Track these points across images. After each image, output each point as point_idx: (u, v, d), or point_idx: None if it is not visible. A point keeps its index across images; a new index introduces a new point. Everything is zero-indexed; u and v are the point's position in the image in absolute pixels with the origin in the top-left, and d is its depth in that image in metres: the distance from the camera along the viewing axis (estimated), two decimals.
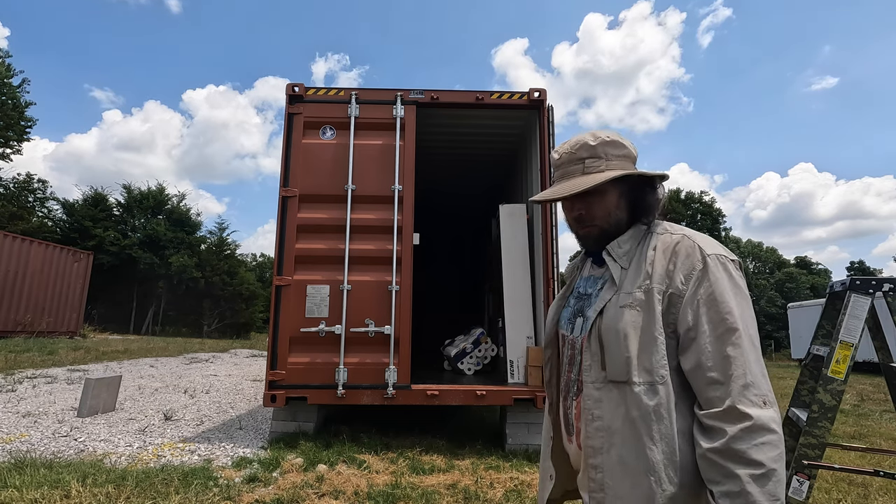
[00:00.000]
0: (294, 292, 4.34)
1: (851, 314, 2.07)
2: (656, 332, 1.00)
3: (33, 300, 13.86)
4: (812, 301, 19.99)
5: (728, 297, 0.96)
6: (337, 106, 4.65)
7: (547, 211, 4.52)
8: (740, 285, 1.00)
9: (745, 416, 0.88)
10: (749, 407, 0.88)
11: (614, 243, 1.14)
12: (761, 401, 0.89)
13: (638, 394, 0.99)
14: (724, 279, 0.98)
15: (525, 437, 4.40)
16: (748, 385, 0.90)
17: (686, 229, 1.11)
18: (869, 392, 9.59)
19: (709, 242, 1.05)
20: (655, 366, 0.99)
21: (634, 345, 1.02)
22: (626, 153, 1.14)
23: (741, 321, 0.95)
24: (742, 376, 0.90)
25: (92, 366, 9.17)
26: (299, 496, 3.08)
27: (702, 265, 1.00)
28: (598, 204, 1.14)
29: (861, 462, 4.39)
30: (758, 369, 0.92)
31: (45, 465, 3.31)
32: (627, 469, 0.99)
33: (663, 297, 1.02)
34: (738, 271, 1.02)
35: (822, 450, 1.98)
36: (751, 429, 0.87)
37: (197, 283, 25.94)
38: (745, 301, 0.98)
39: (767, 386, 0.92)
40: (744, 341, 0.93)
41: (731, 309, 0.95)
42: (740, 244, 44.61)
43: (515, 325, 4.64)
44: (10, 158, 22.76)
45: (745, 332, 0.94)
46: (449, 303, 9.18)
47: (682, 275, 1.01)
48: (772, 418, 0.88)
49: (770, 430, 0.87)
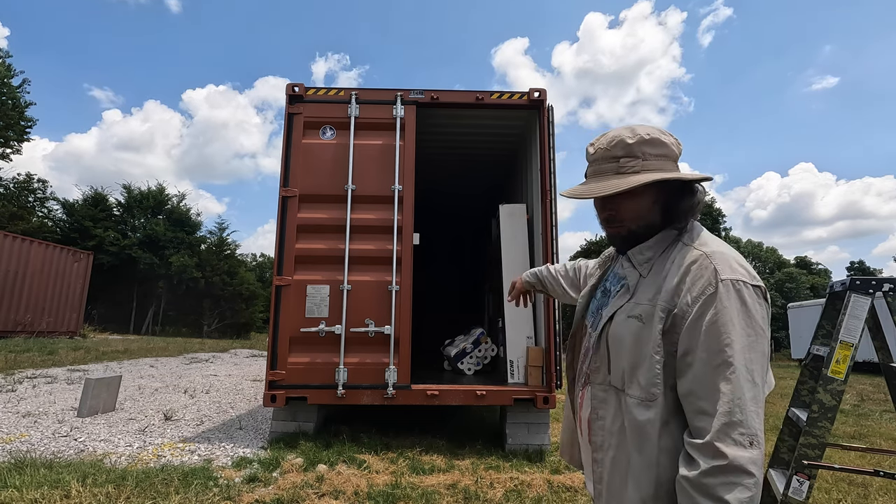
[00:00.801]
0: (294, 292, 4.33)
1: (851, 314, 2.07)
2: (652, 351, 0.99)
3: (33, 300, 13.86)
4: (812, 301, 19.98)
5: (731, 327, 0.91)
6: (337, 106, 4.65)
7: (547, 211, 4.52)
8: (753, 314, 0.93)
9: (722, 454, 0.86)
10: (728, 446, 0.86)
11: (637, 249, 1.11)
12: (747, 441, 0.86)
13: (630, 405, 1.02)
14: (732, 307, 0.92)
15: (525, 437, 4.40)
16: (733, 423, 0.87)
17: (714, 244, 1.03)
18: (869, 392, 9.59)
19: (728, 264, 0.97)
20: (647, 384, 0.99)
21: (633, 358, 1.02)
22: (665, 152, 1.07)
23: (740, 355, 0.90)
24: (727, 414, 0.87)
25: (92, 366, 9.17)
26: (299, 496, 3.08)
27: (713, 290, 0.94)
28: (630, 206, 1.08)
29: (861, 462, 4.39)
30: (751, 408, 0.88)
31: (45, 465, 3.31)
32: (618, 469, 1.04)
33: (667, 316, 0.98)
34: (758, 298, 0.95)
35: (822, 450, 1.98)
36: (724, 469, 0.85)
37: (197, 283, 25.94)
38: (752, 332, 0.92)
39: (759, 425, 0.88)
40: (739, 377, 0.88)
41: (732, 341, 0.90)
42: (740, 244, 44.58)
43: (515, 325, 4.64)
44: (9, 158, 22.79)
45: (742, 366, 0.89)
46: (449, 303, 9.18)
47: (690, 296, 0.96)
48: (751, 460, 0.85)
49: (745, 472, 0.85)
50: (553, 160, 4.62)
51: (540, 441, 4.39)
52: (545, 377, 4.37)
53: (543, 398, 4.19)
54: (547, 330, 4.38)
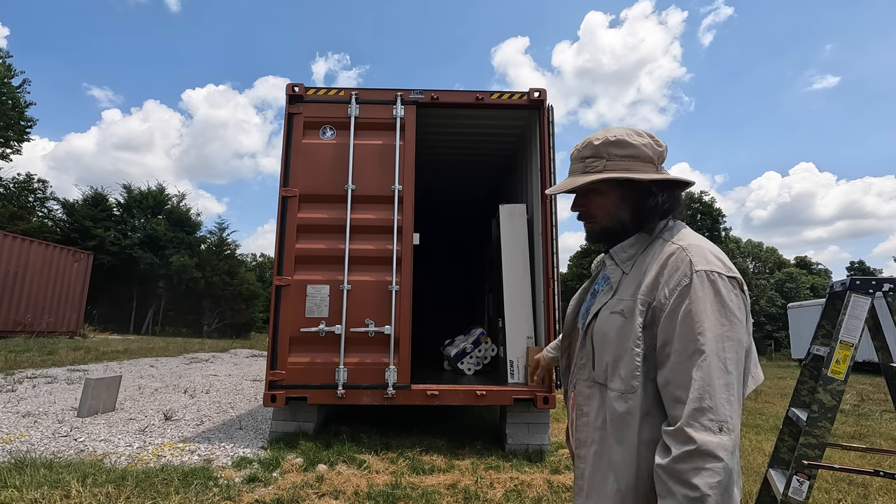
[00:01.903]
0: (294, 292, 4.33)
1: (851, 314, 2.07)
2: (632, 344, 1.02)
3: (33, 300, 13.86)
4: (812, 301, 19.98)
5: (704, 316, 0.93)
6: (337, 106, 4.65)
7: (547, 211, 4.52)
8: (728, 304, 0.95)
9: (691, 439, 0.88)
10: (697, 431, 0.88)
11: (618, 247, 1.15)
12: (717, 427, 0.88)
13: (612, 399, 1.05)
14: (705, 297, 0.95)
15: (525, 437, 4.40)
16: (703, 409, 0.89)
17: (691, 238, 1.06)
18: (869, 392, 9.59)
19: (704, 256, 1.00)
20: (627, 376, 1.02)
21: (615, 352, 1.05)
22: (633, 153, 1.10)
23: (713, 343, 0.92)
24: (698, 400, 0.89)
25: (92, 366, 9.17)
26: (299, 496, 3.08)
27: (688, 281, 0.97)
28: (598, 203, 1.15)
29: (861, 462, 4.39)
30: (722, 395, 0.89)
31: (45, 465, 3.31)
32: (600, 464, 1.06)
33: (647, 310, 1.02)
34: (733, 289, 0.97)
35: (822, 450, 1.98)
36: (693, 453, 0.87)
37: (197, 283, 25.94)
38: (727, 321, 0.94)
39: (730, 412, 0.89)
40: (710, 364, 0.91)
41: (704, 330, 0.92)
42: (740, 244, 44.58)
43: (515, 325, 4.64)
44: (9, 158, 22.79)
45: (714, 354, 0.91)
46: (449, 303, 9.18)
47: (667, 289, 0.99)
48: (720, 445, 0.87)
49: (714, 456, 0.86)
50: (553, 160, 4.62)
51: (540, 441, 4.39)
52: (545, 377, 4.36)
53: (543, 398, 4.19)
54: (547, 330, 4.38)
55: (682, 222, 1.15)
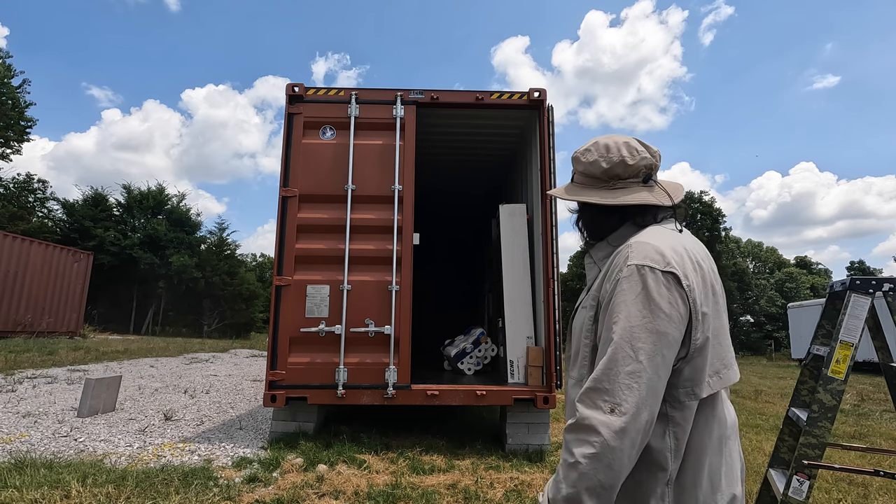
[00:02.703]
0: (294, 292, 4.33)
1: (851, 314, 2.07)
2: (584, 336, 1.10)
3: (33, 300, 13.86)
4: (812, 301, 19.99)
5: (623, 307, 0.97)
6: (337, 106, 4.65)
7: (547, 211, 4.52)
8: (652, 296, 0.95)
9: (580, 415, 0.93)
10: (587, 408, 0.93)
11: (596, 247, 1.21)
12: (608, 407, 0.91)
13: (570, 386, 1.14)
14: (630, 289, 0.97)
15: (525, 437, 4.40)
16: (598, 390, 0.93)
17: (648, 235, 1.05)
18: (869, 392, 9.59)
19: (642, 251, 1.00)
20: (579, 366, 1.10)
21: (576, 344, 1.14)
22: (583, 169, 1.17)
23: (625, 332, 0.94)
24: (595, 381, 0.94)
25: (92, 366, 9.17)
26: (299, 496, 3.08)
27: (621, 275, 1.00)
28: (581, 215, 1.25)
29: (861, 462, 4.39)
30: (624, 381, 0.91)
31: (46, 466, 3.31)
32: None
33: (596, 304, 1.08)
34: (664, 282, 0.96)
35: (822, 449, 1.98)
36: (575, 426, 0.93)
37: (197, 283, 25.94)
38: (648, 312, 0.94)
39: (629, 396, 0.90)
40: (616, 351, 0.94)
41: (619, 319, 0.96)
42: (740, 244, 44.58)
43: (515, 325, 4.64)
44: (9, 159, 22.79)
45: (624, 342, 0.94)
46: (449, 303, 9.18)
47: (608, 284, 1.04)
48: (605, 423, 0.89)
49: (593, 430, 0.90)
50: (553, 160, 4.62)
51: (540, 441, 4.39)
52: (545, 377, 4.37)
53: (543, 398, 4.19)
54: (547, 330, 4.38)
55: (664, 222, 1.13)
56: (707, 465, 1.01)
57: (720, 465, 1.03)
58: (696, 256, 1.04)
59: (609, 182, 1.14)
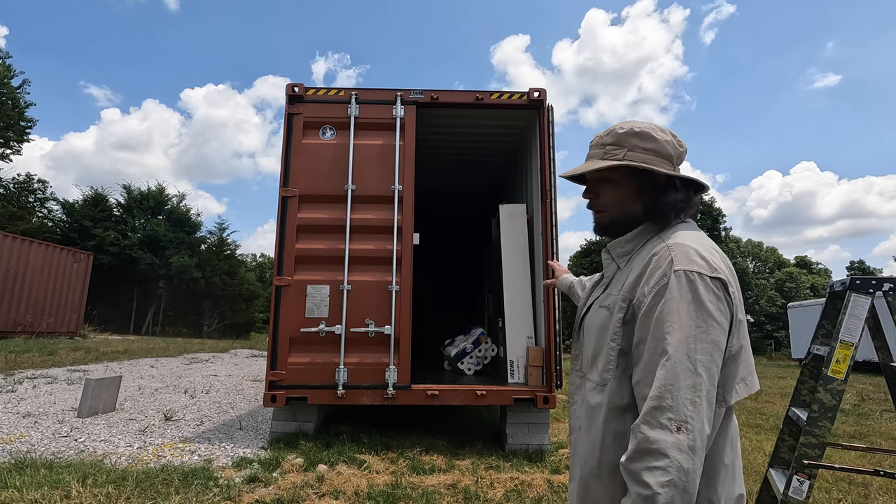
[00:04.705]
0: (294, 292, 4.34)
1: (851, 314, 2.07)
2: (609, 338, 1.04)
3: (33, 300, 13.86)
4: (812, 301, 19.99)
5: (676, 316, 0.92)
6: (337, 106, 4.65)
7: (547, 211, 4.52)
8: (706, 305, 0.93)
9: (645, 437, 0.88)
10: (653, 429, 0.87)
11: (616, 242, 1.17)
12: (674, 426, 0.86)
13: (587, 389, 1.11)
14: (681, 298, 0.93)
15: (525, 437, 4.40)
16: (661, 408, 0.88)
17: (683, 237, 1.04)
18: (869, 392, 9.59)
19: (687, 255, 0.97)
20: (602, 369, 1.05)
21: (596, 345, 1.09)
22: (654, 147, 1.09)
23: (681, 344, 0.90)
24: (657, 398, 0.89)
25: (92, 366, 9.17)
26: (299, 496, 3.08)
27: (666, 280, 0.95)
28: (609, 192, 1.14)
29: (861, 462, 4.39)
30: (686, 395, 0.88)
31: (46, 466, 3.31)
32: (579, 450, 1.12)
33: (628, 306, 1.02)
34: (714, 290, 0.94)
35: (822, 449, 1.98)
36: (646, 451, 0.87)
37: (197, 283, 25.92)
38: (702, 322, 0.92)
39: (693, 412, 0.87)
40: (675, 365, 0.89)
41: (674, 330, 0.91)
42: (740, 244, 44.59)
43: (515, 325, 4.64)
44: (9, 159, 22.78)
45: (681, 355, 0.90)
46: (449, 303, 9.18)
47: (647, 287, 0.98)
48: (674, 444, 0.85)
49: (662, 454, 0.85)
50: (553, 160, 4.62)
51: (540, 441, 4.39)
52: (545, 377, 4.37)
53: (543, 398, 4.19)
54: (547, 330, 4.39)
55: (687, 222, 1.13)
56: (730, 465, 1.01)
57: (734, 466, 1.03)
58: (727, 260, 1.03)
59: (673, 165, 1.13)
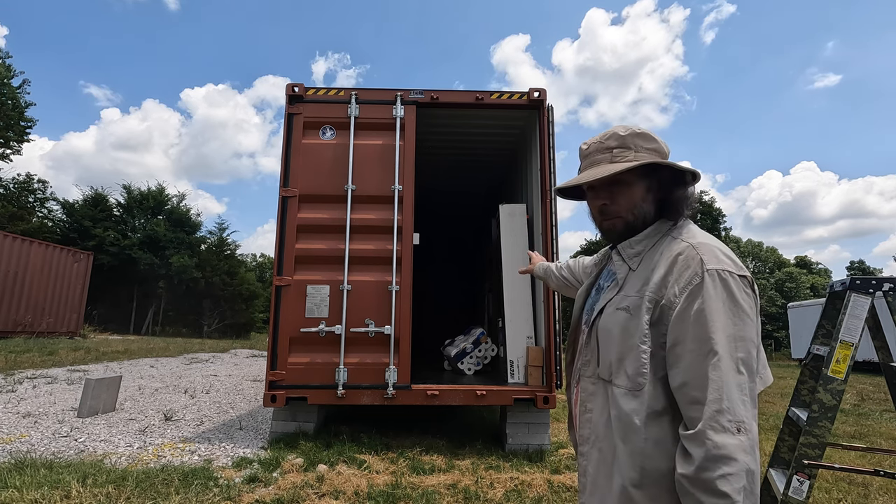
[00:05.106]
0: (294, 292, 4.33)
1: (851, 314, 2.07)
2: (638, 341, 1.01)
3: (33, 300, 13.86)
4: (812, 301, 19.98)
5: (717, 315, 0.93)
6: (337, 106, 4.65)
7: (547, 211, 4.52)
8: (740, 303, 0.94)
9: (713, 443, 0.87)
10: (718, 434, 0.87)
11: (626, 243, 1.14)
12: (735, 427, 0.87)
13: (617, 395, 1.04)
14: (717, 297, 0.94)
15: (525, 437, 4.40)
16: (721, 410, 0.88)
17: (701, 236, 1.06)
18: (869, 392, 9.59)
19: (715, 255, 0.99)
20: (634, 373, 1.02)
21: (620, 349, 1.05)
22: (656, 147, 1.12)
23: (726, 343, 0.91)
24: (717, 401, 0.88)
25: (92, 366, 9.17)
26: (299, 496, 3.08)
27: (699, 280, 0.96)
28: (624, 195, 1.12)
29: (861, 462, 4.39)
30: (737, 395, 0.89)
31: (46, 466, 3.31)
32: (604, 461, 1.06)
33: (654, 307, 1.01)
34: (745, 288, 0.96)
35: (822, 449, 1.98)
36: (717, 458, 0.86)
37: (197, 283, 25.93)
38: (739, 320, 0.93)
39: (746, 412, 0.89)
40: (724, 364, 0.90)
41: (717, 329, 0.92)
42: (740, 244, 44.58)
43: (515, 325, 4.64)
44: (9, 159, 22.78)
45: (727, 354, 0.91)
46: (449, 303, 9.18)
47: (677, 287, 0.98)
48: (739, 446, 0.86)
49: (732, 459, 0.86)
50: (553, 160, 4.62)
51: (540, 441, 4.39)
52: (545, 377, 4.37)
53: (543, 398, 4.19)
54: (547, 330, 4.38)
55: (689, 220, 1.14)
56: None
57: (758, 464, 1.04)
58: None
59: None
